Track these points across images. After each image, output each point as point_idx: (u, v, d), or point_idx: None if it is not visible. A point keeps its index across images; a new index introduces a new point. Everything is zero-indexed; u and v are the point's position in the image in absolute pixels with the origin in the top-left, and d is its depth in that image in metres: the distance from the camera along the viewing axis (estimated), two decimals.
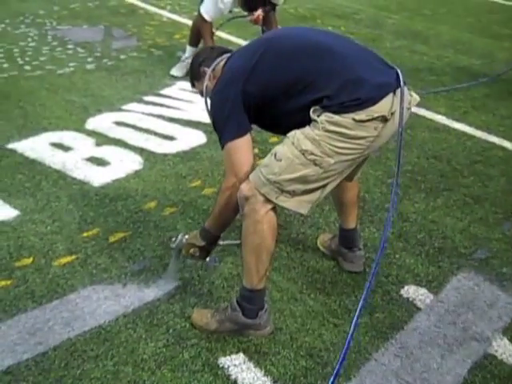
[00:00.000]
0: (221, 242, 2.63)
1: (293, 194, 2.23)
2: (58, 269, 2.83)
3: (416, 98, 2.39)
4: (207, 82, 2.45)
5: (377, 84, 2.15)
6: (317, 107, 2.14)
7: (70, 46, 6.15)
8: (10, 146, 3.97)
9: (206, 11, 5.03)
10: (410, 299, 2.73)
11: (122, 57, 5.91)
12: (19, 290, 2.68)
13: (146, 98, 4.89)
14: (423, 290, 2.78)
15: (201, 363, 2.33)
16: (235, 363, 2.34)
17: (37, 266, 2.84)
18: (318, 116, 2.13)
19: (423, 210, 3.43)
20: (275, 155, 2.21)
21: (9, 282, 2.73)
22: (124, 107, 4.69)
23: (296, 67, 2.20)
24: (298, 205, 2.28)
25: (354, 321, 2.04)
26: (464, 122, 4.72)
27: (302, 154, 2.15)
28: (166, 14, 7.69)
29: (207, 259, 2.66)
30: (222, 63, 2.43)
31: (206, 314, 2.51)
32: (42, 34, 6.54)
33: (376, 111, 2.11)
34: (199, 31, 5.24)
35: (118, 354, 2.36)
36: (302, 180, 2.19)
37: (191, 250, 2.58)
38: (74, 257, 2.91)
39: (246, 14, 5.06)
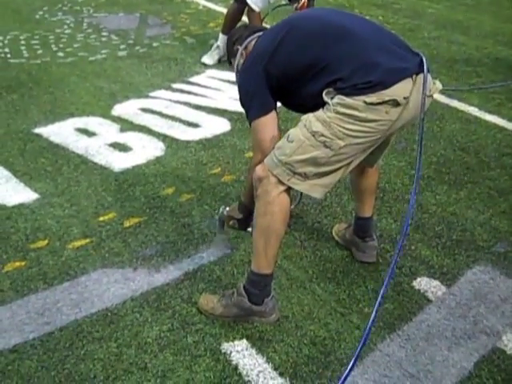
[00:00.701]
0: None
1: (305, 176, 2.23)
2: (72, 251, 2.86)
3: (438, 86, 2.36)
4: (239, 60, 2.53)
5: (391, 69, 2.13)
6: (330, 89, 2.15)
7: (104, 34, 6.22)
8: (37, 130, 4.04)
9: (254, 1, 4.98)
10: (422, 291, 2.68)
11: (155, 44, 5.94)
12: (32, 271, 2.73)
13: (175, 86, 4.91)
14: (436, 282, 2.73)
15: (203, 348, 2.34)
16: (238, 349, 2.34)
17: (51, 248, 2.89)
18: (332, 98, 2.15)
19: (444, 202, 3.36)
20: (288, 137, 2.24)
21: (23, 263, 2.78)
22: (152, 94, 4.72)
23: (314, 50, 2.21)
24: (311, 188, 2.28)
25: (371, 318, 2.00)
26: (497, 114, 4.60)
27: (313, 136, 2.17)
28: (202, 2, 7.69)
29: (248, 229, 2.71)
30: (253, 42, 2.49)
31: (212, 299, 2.51)
32: (78, 21, 6.63)
33: (387, 95, 2.10)
34: (233, 19, 5.23)
35: (123, 337, 2.38)
36: (313, 162, 2.20)
37: (231, 222, 2.74)
38: (88, 240, 2.95)
39: (290, 2, 5.00)
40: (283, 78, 2.28)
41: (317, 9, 2.82)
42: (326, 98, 2.16)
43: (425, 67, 2.18)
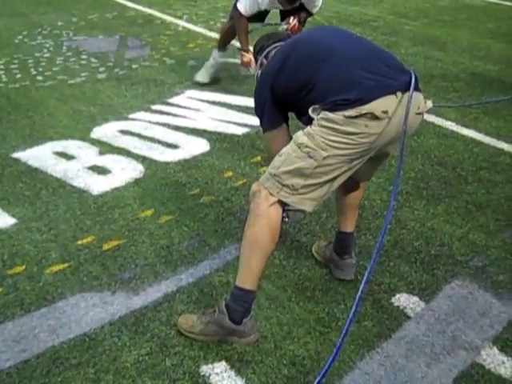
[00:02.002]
0: None
1: (293, 189, 2.29)
2: (50, 276, 2.84)
3: (429, 104, 2.41)
4: (260, 69, 2.76)
5: (371, 86, 2.20)
6: (316, 106, 2.26)
7: (83, 56, 6.23)
8: (15, 155, 4.02)
9: (243, 4, 4.77)
10: (401, 307, 2.69)
11: (134, 66, 5.96)
12: (9, 297, 2.70)
13: (154, 107, 4.91)
14: (415, 299, 2.74)
15: (182, 371, 2.32)
16: (217, 371, 2.33)
17: (29, 273, 2.86)
18: (318, 114, 2.25)
19: (422, 218, 3.38)
20: (279, 153, 2.36)
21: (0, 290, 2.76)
22: (131, 116, 4.72)
23: (306, 71, 2.34)
24: (300, 201, 2.34)
25: (342, 333, 2.06)
26: (473, 128, 4.65)
27: (298, 148, 2.27)
28: (182, 23, 7.74)
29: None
30: (273, 52, 2.70)
31: (192, 317, 2.51)
32: (58, 44, 6.64)
33: (365, 109, 2.16)
34: (227, 36, 5.24)
35: (100, 362, 2.36)
36: (298, 173, 2.27)
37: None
38: (66, 264, 2.93)
39: (280, 22, 4.91)
40: (285, 95, 2.44)
41: (313, 30, 2.87)
42: (312, 115, 2.26)
43: (412, 85, 2.22)
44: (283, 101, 2.47)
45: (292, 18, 4.69)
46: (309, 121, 2.31)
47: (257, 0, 4.65)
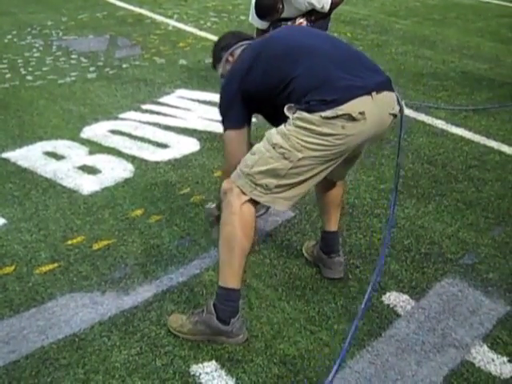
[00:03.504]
0: None
1: (266, 188, 2.28)
2: (39, 277, 2.83)
3: (403, 106, 2.40)
4: (224, 66, 2.66)
5: (346, 86, 2.20)
6: (291, 105, 2.23)
7: (73, 56, 6.22)
8: (4, 155, 4.01)
9: (255, 20, 4.68)
10: (391, 306, 2.69)
11: (124, 66, 5.95)
12: None
13: (144, 107, 4.90)
14: (405, 297, 2.74)
15: (172, 371, 2.32)
16: (207, 371, 2.32)
17: (18, 274, 2.85)
18: (293, 113, 2.22)
19: (413, 216, 3.38)
20: (252, 150, 2.33)
21: None
22: (121, 116, 4.71)
23: (280, 69, 2.30)
24: (273, 201, 2.33)
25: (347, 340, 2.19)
26: (463, 126, 4.66)
27: (273, 148, 2.24)
28: (172, 22, 7.74)
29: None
30: (239, 50, 2.61)
31: (181, 317, 2.51)
32: (48, 44, 6.63)
33: (342, 110, 2.15)
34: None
35: (90, 362, 2.35)
36: (273, 173, 2.25)
37: (210, 218, 2.98)
38: (56, 265, 2.92)
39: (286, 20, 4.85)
40: (256, 94, 2.39)
41: (287, 28, 2.87)
42: (287, 113, 2.24)
43: (384, 85, 2.27)
44: (254, 100, 2.41)
45: (299, 17, 4.63)
46: (282, 121, 2.29)
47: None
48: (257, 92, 2.38)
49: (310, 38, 2.46)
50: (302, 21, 4.58)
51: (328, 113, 2.15)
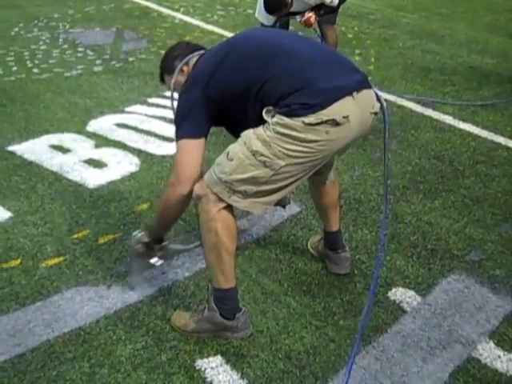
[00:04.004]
0: (171, 246, 2.65)
1: (245, 194, 2.19)
2: (45, 270, 2.83)
3: (383, 103, 2.32)
4: (177, 77, 2.45)
5: (328, 88, 2.10)
6: (270, 108, 2.12)
7: (80, 49, 6.22)
8: (10, 148, 4.01)
9: (263, 17, 4.63)
10: (397, 302, 2.68)
11: (131, 59, 5.94)
12: (3, 291, 2.69)
13: (150, 100, 4.90)
14: (411, 293, 2.73)
15: (177, 365, 2.32)
16: (212, 365, 2.32)
17: (24, 267, 2.85)
18: (272, 117, 2.11)
19: (419, 212, 3.37)
20: (227, 154, 2.19)
21: None
22: (127, 109, 4.71)
23: (250, 71, 2.18)
24: (251, 206, 2.25)
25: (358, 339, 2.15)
26: (471, 121, 4.63)
27: (253, 155, 2.12)
28: (178, 15, 7.72)
29: (151, 261, 2.61)
30: (194, 60, 2.43)
31: (184, 315, 2.50)
32: (54, 37, 6.62)
33: (326, 115, 2.06)
34: None
35: (95, 356, 2.36)
36: (253, 181, 2.16)
37: (136, 246, 2.57)
38: (61, 258, 2.92)
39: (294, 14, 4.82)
40: (223, 101, 2.24)
41: (255, 29, 2.81)
42: (265, 117, 2.12)
43: (362, 83, 2.21)
44: (219, 107, 2.25)
45: (308, 11, 4.59)
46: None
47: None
48: (222, 98, 2.23)
49: (282, 38, 2.36)
50: (310, 14, 4.54)
51: (311, 119, 2.05)
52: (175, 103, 2.39)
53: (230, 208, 2.25)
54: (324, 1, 4.47)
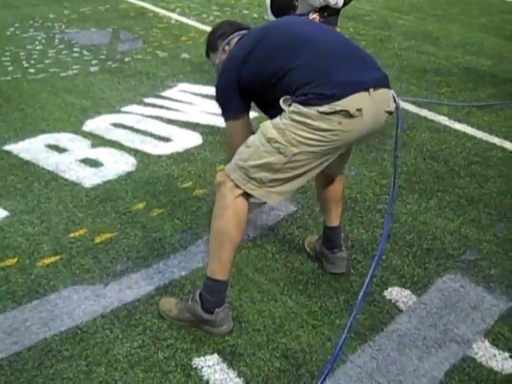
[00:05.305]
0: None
1: (260, 182, 2.27)
2: (42, 269, 2.84)
3: (399, 104, 2.38)
4: (221, 55, 2.62)
5: (345, 81, 2.17)
6: (287, 97, 2.20)
7: (76, 49, 6.22)
8: (6, 147, 4.02)
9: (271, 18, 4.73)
10: (393, 301, 2.69)
11: (127, 59, 5.94)
12: (0, 290, 2.70)
13: (147, 100, 4.90)
14: (407, 292, 2.74)
15: (174, 364, 2.32)
16: (209, 364, 2.33)
17: (20, 266, 2.86)
18: (289, 106, 2.19)
19: (415, 212, 3.38)
20: (246, 143, 2.30)
21: None
22: (123, 109, 4.71)
23: (278, 59, 2.27)
24: (267, 194, 2.32)
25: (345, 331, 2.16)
26: (466, 122, 4.65)
27: (268, 142, 2.22)
28: (174, 16, 7.73)
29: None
30: (236, 40, 2.57)
31: (171, 301, 2.55)
32: (50, 37, 6.62)
33: (340, 105, 2.12)
34: None
35: (93, 354, 2.36)
36: (267, 168, 2.24)
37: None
38: (58, 257, 2.92)
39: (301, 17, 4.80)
40: (253, 83, 2.35)
41: (289, 18, 2.85)
42: (283, 105, 2.21)
43: (382, 82, 2.26)
44: (249, 90, 2.38)
45: (312, 12, 4.61)
46: (276, 113, 2.26)
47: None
48: (252, 82, 2.35)
49: (312, 30, 2.44)
50: (315, 16, 4.58)
51: (325, 108, 2.12)
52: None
53: (245, 201, 2.33)
54: (329, 3, 4.48)
